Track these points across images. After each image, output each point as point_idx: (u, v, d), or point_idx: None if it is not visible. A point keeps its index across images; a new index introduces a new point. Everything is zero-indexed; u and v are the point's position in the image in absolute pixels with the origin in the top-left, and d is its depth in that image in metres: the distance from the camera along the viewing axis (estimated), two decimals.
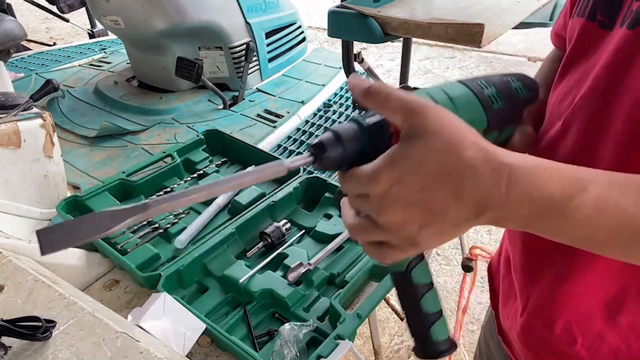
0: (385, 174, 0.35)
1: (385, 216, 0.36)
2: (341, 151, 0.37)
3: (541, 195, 0.35)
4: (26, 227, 0.99)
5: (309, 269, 0.88)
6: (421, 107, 0.35)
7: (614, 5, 0.46)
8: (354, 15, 1.20)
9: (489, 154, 0.35)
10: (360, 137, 0.38)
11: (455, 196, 0.34)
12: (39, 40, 3.67)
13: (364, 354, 1.64)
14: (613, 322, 0.51)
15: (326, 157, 0.37)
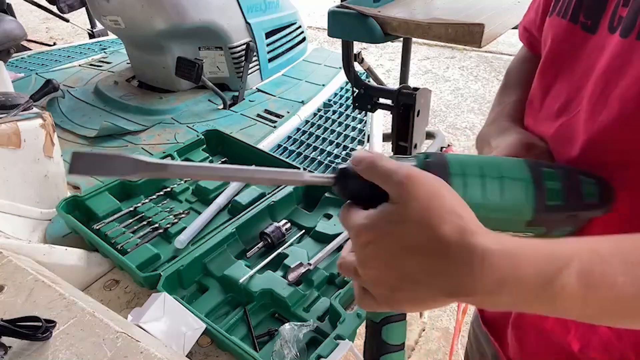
0: (365, 231, 0.36)
1: (362, 270, 0.37)
2: (359, 186, 0.38)
3: (520, 281, 0.33)
4: (26, 227, 0.99)
5: (309, 269, 0.88)
6: (404, 175, 0.35)
7: (598, 9, 0.46)
8: (354, 15, 1.20)
9: (465, 233, 0.33)
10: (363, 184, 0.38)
11: (426, 273, 0.34)
12: (39, 40, 3.67)
13: None
14: None
15: (347, 185, 0.38)
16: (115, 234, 0.97)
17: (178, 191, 1.11)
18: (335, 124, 1.57)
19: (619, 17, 0.43)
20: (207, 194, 1.09)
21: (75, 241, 0.98)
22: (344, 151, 1.42)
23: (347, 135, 1.51)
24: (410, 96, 1.28)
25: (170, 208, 1.06)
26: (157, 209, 1.05)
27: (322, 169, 1.34)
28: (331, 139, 1.49)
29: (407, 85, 1.34)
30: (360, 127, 1.55)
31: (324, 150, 1.42)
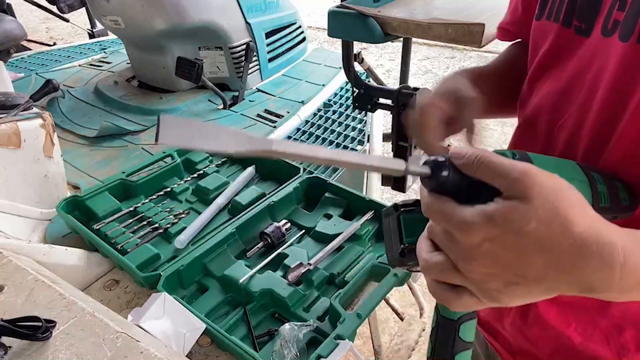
0: (480, 228, 0.33)
1: (471, 267, 0.34)
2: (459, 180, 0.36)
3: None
4: (26, 227, 0.99)
5: (309, 269, 0.88)
6: (521, 171, 0.33)
7: (592, 12, 0.46)
8: (354, 15, 1.20)
9: (601, 232, 0.32)
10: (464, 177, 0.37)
11: (557, 269, 0.33)
12: (39, 40, 3.67)
13: (364, 354, 1.64)
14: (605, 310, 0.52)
15: (443, 177, 0.36)
16: (115, 234, 0.97)
17: (178, 191, 1.11)
18: (335, 124, 1.57)
19: (614, 21, 0.43)
20: (207, 194, 1.09)
21: (75, 241, 0.98)
22: None
23: (347, 135, 1.51)
24: (410, 96, 1.28)
25: (170, 208, 1.06)
26: (157, 209, 1.05)
27: (322, 169, 1.34)
28: (331, 139, 1.49)
29: (407, 85, 1.34)
30: (360, 127, 1.55)
31: None
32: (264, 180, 1.18)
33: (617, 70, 0.42)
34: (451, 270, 0.36)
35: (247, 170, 1.16)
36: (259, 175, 1.19)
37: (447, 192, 0.36)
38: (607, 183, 0.43)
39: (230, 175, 1.19)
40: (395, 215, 0.46)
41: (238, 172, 1.20)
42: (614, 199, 0.43)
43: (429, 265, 0.37)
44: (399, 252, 0.44)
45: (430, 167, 0.37)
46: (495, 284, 0.34)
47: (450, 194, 0.36)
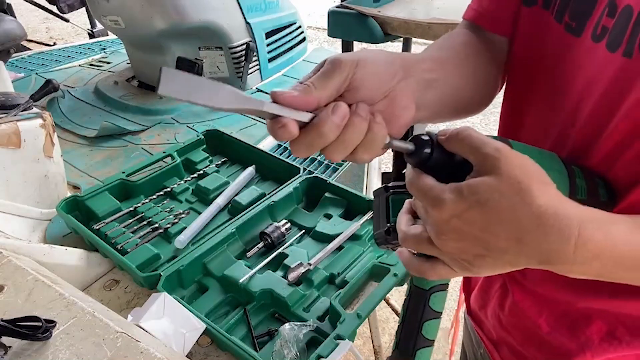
0: (449, 203, 0.35)
1: (442, 241, 0.37)
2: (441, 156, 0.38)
3: (612, 254, 0.35)
4: (26, 227, 0.99)
5: (309, 269, 0.88)
6: (494, 148, 0.35)
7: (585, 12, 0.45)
8: (354, 15, 1.20)
9: (560, 206, 0.34)
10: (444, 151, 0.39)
11: (518, 242, 0.34)
12: (39, 40, 3.67)
13: (364, 354, 1.64)
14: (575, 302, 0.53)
15: (425, 154, 0.38)
16: (115, 234, 0.97)
17: (178, 191, 1.11)
18: None
19: (603, 27, 0.42)
20: (207, 194, 1.09)
21: (75, 241, 0.98)
22: None
23: None
24: None
25: (170, 208, 1.06)
26: (157, 209, 1.05)
27: (322, 169, 1.34)
28: None
29: None
30: None
31: None
32: (264, 180, 1.18)
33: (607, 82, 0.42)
34: (426, 242, 0.38)
35: (247, 170, 1.16)
36: (259, 175, 1.19)
37: (429, 169, 0.38)
38: (587, 178, 0.44)
39: (230, 175, 1.19)
40: (385, 196, 0.48)
41: (238, 172, 1.20)
42: (592, 193, 0.44)
43: (406, 237, 0.40)
44: (384, 231, 0.47)
45: (414, 143, 0.39)
46: (464, 255, 0.37)
47: (432, 171, 0.38)
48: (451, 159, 0.38)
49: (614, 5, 0.41)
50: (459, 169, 0.37)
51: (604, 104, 0.43)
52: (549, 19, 0.49)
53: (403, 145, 0.39)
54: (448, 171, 0.38)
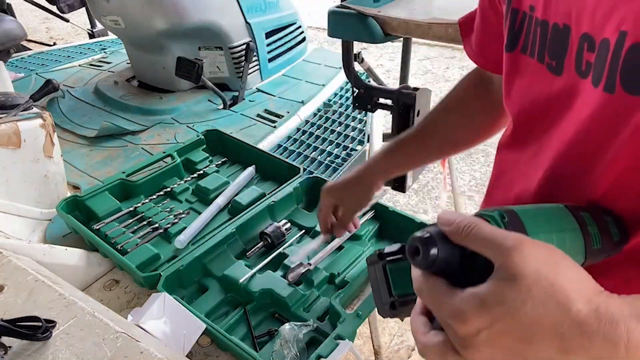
0: (474, 317, 0.31)
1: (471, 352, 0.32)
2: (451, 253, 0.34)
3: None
4: (26, 227, 0.99)
5: (309, 269, 0.88)
6: (513, 244, 0.31)
7: (561, 49, 0.44)
8: (354, 15, 1.20)
9: (601, 308, 0.31)
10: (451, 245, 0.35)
11: (561, 351, 0.31)
12: (39, 40, 3.67)
13: (364, 354, 1.64)
14: None
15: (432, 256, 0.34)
16: (115, 234, 0.97)
17: (178, 191, 1.11)
18: (335, 124, 1.57)
19: (587, 62, 0.41)
20: (207, 194, 1.09)
21: (75, 241, 0.98)
22: (344, 151, 1.42)
23: (347, 135, 1.51)
24: (410, 96, 1.28)
25: (170, 208, 1.06)
26: (157, 209, 1.05)
27: (322, 169, 1.34)
28: (331, 139, 1.49)
29: (407, 85, 1.34)
30: (360, 127, 1.55)
31: (324, 150, 1.42)
32: (264, 180, 1.18)
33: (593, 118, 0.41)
34: (451, 352, 0.34)
35: (247, 170, 1.16)
36: (259, 175, 1.19)
37: (440, 270, 0.34)
38: (597, 221, 0.41)
39: (230, 175, 1.19)
40: (381, 265, 0.44)
41: (238, 172, 1.20)
42: (606, 237, 0.41)
43: (428, 348, 0.35)
44: (388, 305, 0.43)
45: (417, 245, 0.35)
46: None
47: (443, 271, 0.34)
48: (461, 251, 0.34)
49: (591, 39, 0.40)
50: (471, 261, 0.33)
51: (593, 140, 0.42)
52: (529, 61, 0.48)
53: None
54: (460, 266, 0.34)
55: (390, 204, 1.01)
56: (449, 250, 0.34)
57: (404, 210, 1.01)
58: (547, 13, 0.45)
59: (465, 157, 2.97)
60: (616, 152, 0.40)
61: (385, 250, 0.43)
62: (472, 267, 0.34)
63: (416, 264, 0.35)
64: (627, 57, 0.36)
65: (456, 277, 0.34)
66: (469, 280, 0.33)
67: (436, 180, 2.68)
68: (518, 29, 0.49)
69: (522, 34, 0.49)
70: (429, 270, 0.35)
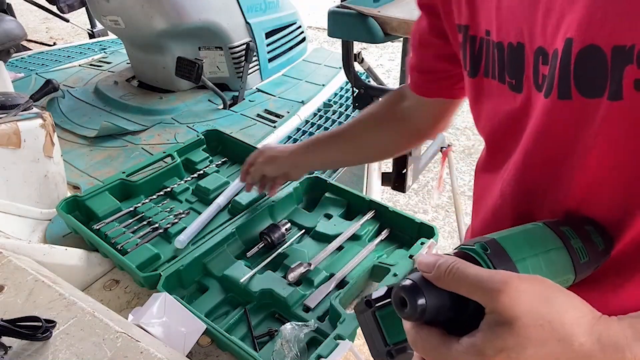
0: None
1: None
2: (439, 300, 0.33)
3: None
4: (26, 227, 0.99)
5: (309, 269, 0.88)
6: (500, 286, 0.30)
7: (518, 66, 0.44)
8: (354, 15, 1.20)
9: (602, 336, 0.30)
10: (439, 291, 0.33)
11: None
12: (39, 40, 3.67)
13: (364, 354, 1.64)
14: None
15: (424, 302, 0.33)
16: (115, 234, 0.97)
17: (178, 191, 1.11)
18: (335, 124, 1.57)
19: (543, 76, 0.41)
20: (207, 194, 1.09)
21: (75, 241, 0.98)
22: None
23: None
24: None
25: (170, 208, 1.06)
26: (157, 209, 1.05)
27: None
28: None
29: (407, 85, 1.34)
30: None
31: None
32: None
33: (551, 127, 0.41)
34: None
35: None
36: None
37: (431, 318, 0.33)
38: (579, 233, 0.41)
39: (230, 175, 1.19)
40: (370, 313, 0.41)
41: (238, 172, 1.20)
42: (591, 249, 0.40)
43: None
44: (385, 355, 0.41)
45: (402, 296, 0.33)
46: None
47: (435, 318, 0.33)
48: (450, 296, 0.33)
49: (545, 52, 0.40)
50: (462, 302, 0.32)
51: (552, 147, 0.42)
52: (492, 83, 0.49)
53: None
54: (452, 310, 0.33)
55: (390, 204, 1.01)
56: (436, 297, 0.33)
57: (404, 210, 1.01)
58: (500, 34, 0.45)
59: (465, 157, 2.97)
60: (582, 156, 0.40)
61: (373, 296, 0.41)
62: (464, 309, 0.32)
63: (406, 317, 0.33)
64: (577, 63, 0.37)
65: (449, 322, 0.33)
66: (463, 324, 0.32)
67: (436, 180, 2.68)
68: (477, 54, 0.49)
69: (482, 59, 0.49)
70: (420, 321, 0.33)
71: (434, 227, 0.94)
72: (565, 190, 0.43)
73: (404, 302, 0.33)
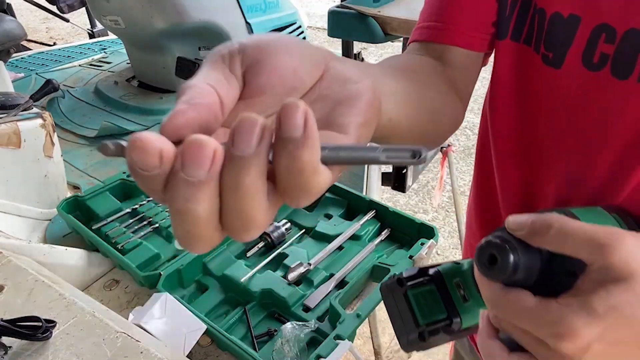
0: (584, 329, 0.27)
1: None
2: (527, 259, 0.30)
3: None
4: (26, 227, 0.99)
5: (309, 269, 0.88)
6: (612, 239, 0.28)
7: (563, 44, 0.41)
8: (354, 15, 1.20)
9: None
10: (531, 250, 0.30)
11: None
12: (39, 40, 3.67)
13: (364, 354, 1.64)
14: None
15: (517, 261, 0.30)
16: (116, 233, 0.97)
17: None
18: None
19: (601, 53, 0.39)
20: None
21: (76, 241, 0.98)
22: None
23: None
24: None
25: None
26: (158, 209, 1.05)
27: None
28: None
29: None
30: None
31: None
32: None
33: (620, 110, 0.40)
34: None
35: None
36: None
37: (520, 280, 0.30)
38: (626, 222, 0.39)
39: None
40: (401, 292, 0.39)
41: None
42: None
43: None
44: (417, 337, 0.38)
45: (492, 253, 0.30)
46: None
47: (523, 281, 0.30)
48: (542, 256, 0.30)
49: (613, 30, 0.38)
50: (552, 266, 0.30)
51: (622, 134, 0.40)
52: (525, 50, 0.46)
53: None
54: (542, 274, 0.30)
55: (390, 204, 1.01)
56: (529, 255, 0.30)
57: (404, 210, 1.01)
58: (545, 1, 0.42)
59: (465, 157, 2.98)
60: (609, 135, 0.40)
61: (404, 274, 0.39)
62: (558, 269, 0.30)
63: (493, 276, 0.30)
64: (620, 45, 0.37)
65: (537, 285, 0.30)
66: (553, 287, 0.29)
67: (436, 180, 2.68)
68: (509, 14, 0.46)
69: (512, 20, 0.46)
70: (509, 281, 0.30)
71: (434, 227, 0.94)
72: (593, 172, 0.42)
73: (492, 260, 0.30)
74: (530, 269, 0.30)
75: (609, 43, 0.38)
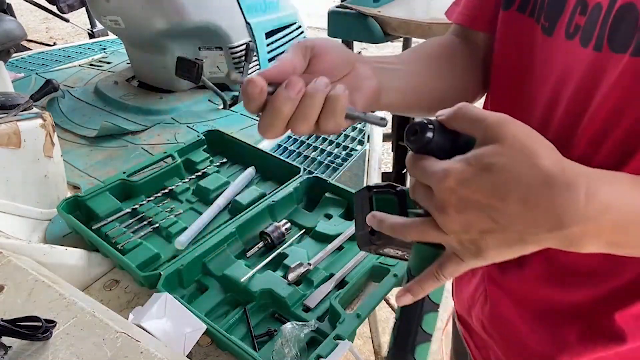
0: (455, 173, 0.35)
1: (446, 215, 0.36)
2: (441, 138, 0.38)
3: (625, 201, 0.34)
4: (26, 227, 0.99)
5: (309, 269, 0.88)
6: (497, 117, 0.35)
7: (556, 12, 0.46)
8: (354, 15, 1.20)
9: (566, 165, 0.34)
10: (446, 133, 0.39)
11: (526, 206, 0.33)
12: (39, 40, 3.67)
13: (364, 354, 1.64)
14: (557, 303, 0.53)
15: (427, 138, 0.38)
16: (116, 233, 0.97)
17: (178, 191, 1.11)
18: None
19: (575, 25, 0.44)
20: (208, 194, 1.09)
21: (76, 241, 0.98)
22: (344, 151, 1.42)
23: (347, 135, 1.51)
24: None
25: (170, 208, 1.06)
26: (158, 209, 1.05)
27: (322, 169, 1.34)
28: (331, 139, 1.48)
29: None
30: (360, 127, 1.55)
31: (324, 150, 1.42)
32: (264, 180, 1.18)
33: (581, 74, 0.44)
34: (430, 226, 0.38)
35: (248, 171, 1.16)
36: (259, 175, 1.19)
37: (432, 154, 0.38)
38: None
39: (231, 175, 1.19)
40: (367, 196, 0.48)
41: (238, 172, 1.20)
42: None
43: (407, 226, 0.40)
44: (369, 231, 0.46)
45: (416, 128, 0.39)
46: (471, 232, 0.35)
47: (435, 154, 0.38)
48: (454, 140, 0.38)
49: (585, 4, 0.43)
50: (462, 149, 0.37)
51: (580, 96, 0.44)
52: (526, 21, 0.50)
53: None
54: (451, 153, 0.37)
55: None
56: (442, 136, 0.38)
57: None
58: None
59: None
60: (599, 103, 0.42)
61: (374, 184, 0.49)
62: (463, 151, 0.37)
63: (411, 144, 0.39)
64: (616, 17, 0.39)
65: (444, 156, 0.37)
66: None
67: None
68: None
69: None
70: (422, 150, 0.38)
71: None
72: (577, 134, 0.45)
73: (414, 132, 0.38)
74: (440, 145, 0.38)
75: (582, 15, 0.43)
